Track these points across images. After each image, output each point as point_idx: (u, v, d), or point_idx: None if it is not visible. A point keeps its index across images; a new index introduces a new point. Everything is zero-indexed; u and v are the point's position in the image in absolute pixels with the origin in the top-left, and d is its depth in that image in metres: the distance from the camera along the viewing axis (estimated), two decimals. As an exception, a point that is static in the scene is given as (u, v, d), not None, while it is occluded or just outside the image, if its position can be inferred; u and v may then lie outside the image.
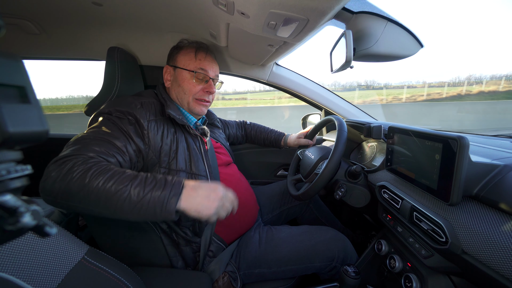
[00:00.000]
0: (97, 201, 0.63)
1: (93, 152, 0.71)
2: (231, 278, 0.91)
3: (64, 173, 0.64)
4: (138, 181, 0.65)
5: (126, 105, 0.87)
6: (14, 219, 0.23)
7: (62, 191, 0.63)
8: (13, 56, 0.25)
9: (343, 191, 0.98)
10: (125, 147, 0.80)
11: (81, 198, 0.63)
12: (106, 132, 0.78)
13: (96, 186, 0.62)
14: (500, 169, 0.55)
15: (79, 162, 0.66)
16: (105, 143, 0.75)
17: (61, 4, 1.02)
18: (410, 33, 0.80)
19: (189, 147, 0.94)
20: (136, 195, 0.63)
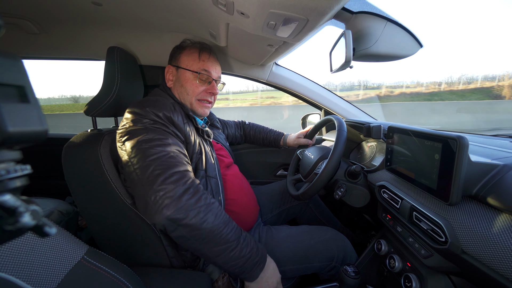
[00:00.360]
0: (211, 245, 0.73)
1: (186, 166, 0.77)
2: (231, 278, 0.91)
3: (192, 204, 0.70)
4: (242, 243, 0.76)
5: (161, 107, 0.84)
6: (14, 219, 0.23)
7: (184, 222, 0.69)
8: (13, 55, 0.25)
9: (342, 191, 0.98)
10: (186, 151, 0.85)
11: (204, 239, 0.72)
12: (171, 142, 0.79)
13: (223, 236, 0.73)
14: (500, 168, 0.55)
15: (197, 186, 0.74)
16: (180, 154, 0.79)
17: (61, 3, 1.02)
18: (409, 33, 0.80)
19: (205, 150, 0.96)
20: (237, 256, 0.75)
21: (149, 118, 0.80)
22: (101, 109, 1.01)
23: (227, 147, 1.24)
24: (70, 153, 0.91)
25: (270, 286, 0.79)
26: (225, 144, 1.24)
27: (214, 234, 0.71)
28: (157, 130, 0.78)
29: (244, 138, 1.59)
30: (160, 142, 0.76)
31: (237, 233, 0.77)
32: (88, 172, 0.90)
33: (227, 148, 1.23)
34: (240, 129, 1.57)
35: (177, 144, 0.82)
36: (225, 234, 0.73)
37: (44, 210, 1.31)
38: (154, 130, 0.78)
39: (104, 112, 1.02)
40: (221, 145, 1.19)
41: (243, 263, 0.75)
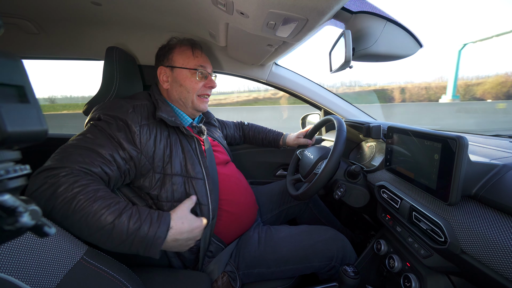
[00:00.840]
0: (80, 231, 0.65)
1: (76, 163, 0.70)
2: (230, 278, 0.91)
3: (48, 196, 0.64)
4: (122, 220, 0.67)
5: (116, 109, 0.85)
6: (13, 219, 0.23)
7: (47, 212, 0.64)
8: (12, 55, 0.25)
9: (342, 191, 0.98)
10: (111, 156, 0.77)
11: (65, 223, 0.64)
12: (91, 140, 0.76)
13: (78, 220, 0.64)
14: (499, 169, 0.55)
15: (63, 179, 0.65)
16: (89, 152, 0.74)
17: (60, 3, 1.02)
18: (409, 33, 0.80)
19: (183, 150, 0.92)
20: (118, 236, 0.66)
21: (102, 119, 0.83)
22: None
23: (224, 145, 1.23)
24: None
25: (196, 236, 0.80)
26: (222, 141, 1.23)
27: (81, 220, 0.64)
28: (89, 128, 0.82)
29: (243, 139, 1.59)
30: (79, 137, 0.78)
31: (113, 214, 0.67)
32: None
33: (224, 146, 1.22)
34: (239, 130, 1.56)
35: (104, 142, 0.78)
36: (94, 218, 0.64)
37: (44, 210, 1.31)
38: (88, 128, 0.82)
39: None
40: (217, 143, 1.19)
41: (129, 245, 0.67)
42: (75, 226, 0.64)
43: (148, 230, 0.68)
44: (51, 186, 0.64)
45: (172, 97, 1.02)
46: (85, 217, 0.64)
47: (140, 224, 0.68)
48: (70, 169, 0.68)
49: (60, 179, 0.65)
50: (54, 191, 0.64)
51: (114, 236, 0.66)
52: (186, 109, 1.04)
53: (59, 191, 0.64)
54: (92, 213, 0.64)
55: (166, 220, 0.73)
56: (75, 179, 0.67)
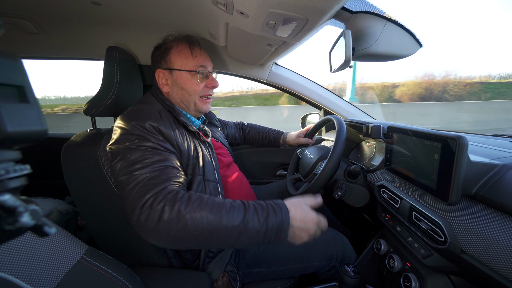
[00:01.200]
0: (217, 242, 0.67)
1: (166, 182, 0.72)
2: (230, 277, 0.91)
3: (174, 218, 0.65)
4: (251, 216, 0.68)
5: (145, 118, 0.81)
6: (13, 218, 0.23)
7: (179, 238, 0.66)
8: (12, 55, 0.25)
9: (342, 190, 0.98)
10: (176, 164, 0.80)
11: (200, 241, 0.66)
12: (154, 160, 0.75)
13: (213, 228, 0.66)
14: (499, 168, 0.55)
15: (173, 199, 0.67)
16: (164, 170, 0.74)
17: (60, 3, 1.02)
18: (409, 33, 0.80)
19: (203, 153, 0.93)
20: (255, 231, 0.67)
21: (135, 133, 0.78)
22: (100, 109, 1.01)
23: (226, 145, 1.22)
24: (69, 153, 0.91)
25: (310, 229, 0.72)
26: (224, 142, 1.22)
27: (214, 232, 0.66)
28: (140, 149, 0.76)
29: (243, 139, 1.58)
30: (141, 164, 0.73)
31: (239, 215, 0.68)
32: (87, 172, 0.90)
33: (226, 147, 1.21)
34: (239, 130, 1.56)
35: (162, 156, 0.78)
36: (226, 225, 0.66)
37: (44, 210, 1.31)
38: (136, 149, 0.76)
39: (103, 112, 1.02)
40: (220, 144, 1.18)
41: (262, 237, 0.68)
42: (211, 240, 0.67)
43: (276, 217, 0.68)
44: (172, 210, 0.66)
45: (174, 100, 0.99)
46: (218, 228, 0.66)
47: (267, 214, 0.69)
48: (170, 186, 0.71)
49: (176, 200, 0.67)
50: (178, 214, 0.65)
51: (250, 232, 0.66)
52: (189, 111, 1.02)
53: (184, 213, 0.65)
54: (223, 221, 0.66)
55: (283, 207, 0.72)
56: (187, 196, 0.70)
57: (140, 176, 0.71)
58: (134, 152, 0.75)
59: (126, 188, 0.70)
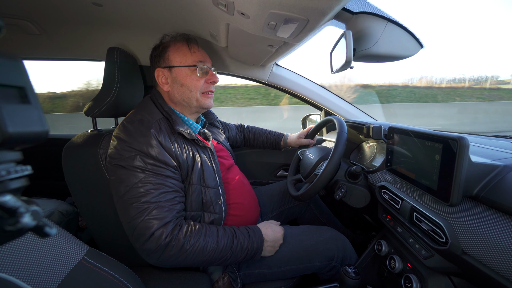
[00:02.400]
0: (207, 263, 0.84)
1: (171, 213, 0.79)
2: (231, 278, 0.91)
3: (177, 253, 0.77)
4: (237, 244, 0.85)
5: (146, 130, 0.82)
6: (14, 219, 0.23)
7: (178, 264, 0.80)
8: (13, 56, 0.25)
9: (343, 191, 0.98)
10: (176, 186, 0.84)
11: (196, 263, 0.82)
12: (156, 183, 0.79)
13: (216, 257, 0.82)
14: (500, 169, 0.55)
15: (178, 235, 0.77)
16: (166, 194, 0.80)
17: (61, 4, 1.02)
18: (410, 34, 0.80)
19: (201, 160, 0.92)
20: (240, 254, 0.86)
21: (136, 148, 0.79)
22: (101, 109, 1.01)
23: (228, 147, 1.22)
24: (70, 154, 0.91)
25: (275, 247, 0.95)
26: (225, 144, 1.22)
27: (207, 261, 0.81)
28: (142, 169, 0.79)
29: (244, 142, 1.57)
30: (143, 189, 0.77)
31: (229, 245, 0.84)
32: (88, 173, 0.90)
33: (227, 149, 1.21)
34: (240, 133, 1.55)
35: (164, 178, 0.81)
36: (218, 255, 0.82)
37: (45, 210, 1.31)
38: (138, 169, 0.78)
39: (104, 112, 1.02)
40: (222, 146, 1.17)
41: (242, 259, 0.87)
42: (202, 264, 0.83)
43: (254, 242, 0.88)
44: (176, 245, 0.77)
45: (175, 99, 0.97)
46: (214, 254, 0.81)
47: (248, 241, 0.87)
48: (174, 220, 0.80)
49: (180, 238, 0.78)
50: (181, 249, 0.77)
51: (236, 254, 0.85)
52: (191, 109, 0.99)
53: (187, 248, 0.78)
54: (219, 250, 0.82)
55: (258, 231, 0.92)
56: (185, 229, 0.80)
57: (145, 204, 0.76)
58: (136, 173, 0.78)
59: (131, 213, 0.76)
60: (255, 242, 0.88)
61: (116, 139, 0.83)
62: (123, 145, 0.80)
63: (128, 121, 0.86)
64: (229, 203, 1.00)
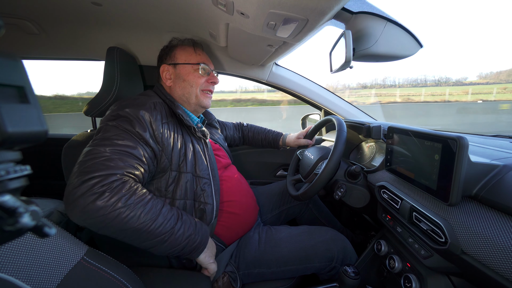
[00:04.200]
0: (140, 240, 0.73)
1: (120, 170, 0.72)
2: (231, 278, 0.91)
3: (108, 207, 0.66)
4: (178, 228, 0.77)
5: (138, 105, 0.84)
6: (13, 219, 0.23)
7: (103, 224, 0.67)
8: (13, 56, 0.25)
9: (342, 191, 0.98)
10: (143, 157, 0.79)
11: (122, 234, 0.70)
12: (123, 143, 0.76)
13: (151, 231, 0.71)
14: (500, 169, 0.55)
15: (116, 189, 0.68)
16: (125, 156, 0.75)
17: (61, 4, 1.02)
18: (409, 33, 0.80)
19: (194, 150, 0.94)
20: (170, 246, 0.76)
21: (122, 115, 0.81)
22: (101, 109, 1.01)
23: (225, 147, 1.23)
24: (69, 154, 0.91)
25: (207, 263, 0.85)
26: (223, 144, 1.23)
27: (140, 232, 0.70)
28: (117, 129, 0.79)
29: (243, 140, 1.58)
30: (109, 141, 0.75)
31: (170, 224, 0.75)
32: None
33: (225, 149, 1.22)
34: (239, 131, 1.55)
35: (133, 143, 0.78)
36: (153, 230, 0.71)
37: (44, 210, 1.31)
38: (114, 128, 0.79)
39: (103, 112, 1.02)
40: (219, 146, 1.18)
41: (179, 250, 0.77)
42: (133, 236, 0.71)
43: (200, 234, 0.82)
44: (111, 197, 0.66)
45: (175, 93, 1.02)
46: (149, 226, 0.71)
47: (192, 232, 0.80)
48: (118, 177, 0.70)
49: (113, 189, 0.68)
50: (117, 202, 0.67)
51: (172, 243, 0.75)
52: (190, 105, 1.04)
53: (122, 204, 0.67)
54: (157, 224, 0.72)
55: (205, 228, 0.86)
56: (128, 187, 0.70)
57: (100, 152, 0.72)
58: (111, 130, 0.78)
59: (81, 157, 0.72)
60: (200, 235, 0.81)
61: (110, 110, 0.86)
62: (113, 113, 0.83)
63: (125, 98, 0.90)
64: (223, 200, 1.01)
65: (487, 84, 32.64)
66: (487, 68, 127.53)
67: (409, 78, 60.63)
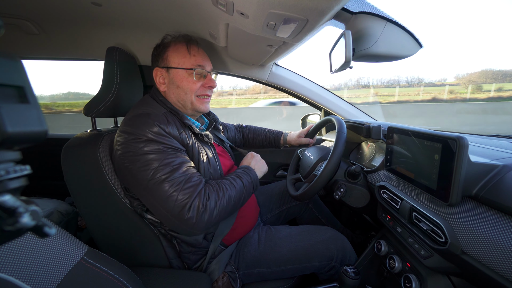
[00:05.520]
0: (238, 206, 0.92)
1: (200, 182, 0.83)
2: (231, 278, 0.91)
3: (214, 210, 0.81)
4: (241, 183, 0.92)
5: (158, 122, 0.83)
6: (13, 219, 0.23)
7: (220, 218, 0.85)
8: (12, 56, 0.25)
9: (342, 191, 0.98)
10: (190, 162, 0.87)
11: (230, 211, 0.88)
12: (177, 161, 0.82)
13: (235, 203, 0.88)
14: (499, 169, 0.55)
15: (207, 202, 0.80)
16: (189, 170, 0.83)
17: (60, 4, 1.02)
18: (409, 34, 0.80)
19: (207, 155, 0.95)
20: (247, 190, 0.94)
21: (148, 138, 0.80)
22: (100, 109, 1.01)
23: (228, 149, 1.23)
24: (69, 154, 0.91)
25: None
26: (226, 146, 1.22)
27: (236, 201, 0.88)
28: (158, 153, 0.80)
29: (243, 142, 1.57)
30: (170, 167, 0.79)
31: (240, 183, 0.92)
32: (87, 173, 0.90)
33: (228, 151, 1.21)
34: (239, 133, 1.55)
35: (180, 156, 0.84)
36: (239, 194, 0.89)
37: (44, 210, 1.31)
38: (155, 153, 0.79)
39: (103, 112, 1.02)
40: (222, 148, 1.18)
41: (252, 190, 0.98)
42: (238, 202, 0.90)
43: (251, 176, 0.98)
44: (208, 209, 0.80)
45: (170, 99, 0.97)
46: (237, 199, 0.89)
47: (248, 176, 0.96)
48: (203, 190, 0.83)
49: (206, 202, 0.80)
50: (210, 210, 0.80)
51: (247, 191, 0.93)
52: (186, 110, 0.99)
53: (212, 207, 0.81)
54: (238, 195, 0.89)
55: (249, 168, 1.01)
56: (208, 192, 0.83)
57: (175, 180, 0.78)
58: (154, 156, 0.79)
59: (166, 190, 0.78)
60: (251, 175, 0.98)
61: (123, 133, 0.82)
62: (131, 138, 0.80)
63: (134, 115, 0.86)
64: None
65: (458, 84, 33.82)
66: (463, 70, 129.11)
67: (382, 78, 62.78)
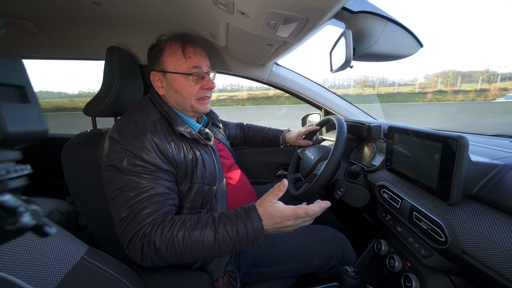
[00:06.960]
0: (196, 258, 0.73)
1: (150, 217, 0.73)
2: (231, 277, 0.91)
3: (153, 253, 0.71)
4: (221, 233, 0.71)
5: (141, 134, 0.79)
6: (14, 219, 0.23)
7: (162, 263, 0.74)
8: (13, 55, 0.25)
9: (342, 191, 0.98)
10: (167, 188, 0.80)
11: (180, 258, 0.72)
12: (146, 186, 0.76)
13: (189, 253, 0.71)
14: (500, 168, 0.55)
15: (153, 236, 0.71)
16: (150, 200, 0.75)
17: (61, 3, 1.02)
18: (410, 33, 0.80)
19: (203, 159, 0.91)
20: (227, 246, 0.71)
21: (129, 150, 0.77)
22: (101, 109, 1.01)
23: (228, 147, 1.22)
24: (69, 153, 0.91)
25: (281, 224, 0.74)
26: (226, 143, 1.21)
27: (189, 258, 0.72)
28: (132, 172, 0.76)
29: (243, 140, 1.57)
30: (132, 194, 0.75)
31: (211, 234, 0.71)
32: (88, 172, 0.90)
33: (228, 148, 1.21)
34: (240, 131, 1.55)
35: (152, 181, 0.78)
36: (199, 254, 0.71)
37: (44, 210, 1.31)
38: (129, 172, 0.76)
39: (103, 112, 1.02)
40: (222, 145, 1.17)
41: (238, 247, 0.72)
42: (191, 258, 0.72)
43: (246, 229, 0.70)
44: (149, 246, 0.70)
45: (169, 103, 0.95)
46: (193, 249, 0.71)
47: (237, 229, 0.71)
48: (150, 225, 0.73)
49: (151, 237, 0.71)
50: (154, 248, 0.70)
51: (223, 248, 0.71)
52: (187, 113, 0.98)
53: (158, 246, 0.70)
54: (195, 243, 0.70)
55: (254, 212, 0.73)
56: (161, 228, 0.72)
57: (131, 207, 0.74)
58: (125, 176, 0.76)
59: (117, 217, 0.76)
60: (247, 227, 0.71)
61: (109, 139, 0.81)
62: (115, 146, 0.79)
63: (123, 121, 0.84)
64: (229, 202, 1.00)
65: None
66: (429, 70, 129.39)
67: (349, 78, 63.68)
